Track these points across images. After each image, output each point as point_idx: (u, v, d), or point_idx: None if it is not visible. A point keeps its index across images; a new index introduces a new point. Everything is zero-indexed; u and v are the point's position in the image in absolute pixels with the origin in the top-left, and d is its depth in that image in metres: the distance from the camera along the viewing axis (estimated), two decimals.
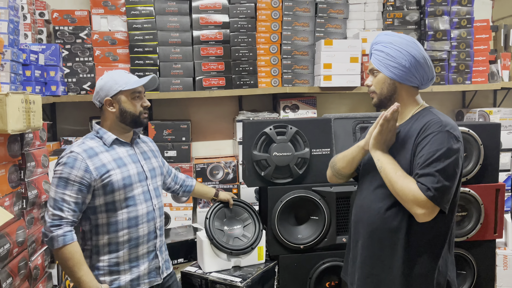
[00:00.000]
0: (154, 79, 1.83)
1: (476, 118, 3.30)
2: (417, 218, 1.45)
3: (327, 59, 3.01)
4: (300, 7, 3.14)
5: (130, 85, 1.75)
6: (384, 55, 1.55)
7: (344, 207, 2.37)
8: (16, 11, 2.36)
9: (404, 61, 1.52)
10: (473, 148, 2.37)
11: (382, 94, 1.59)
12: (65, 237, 1.61)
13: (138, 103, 1.78)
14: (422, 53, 1.54)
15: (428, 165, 1.42)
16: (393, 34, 1.57)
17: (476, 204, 2.39)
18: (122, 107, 1.75)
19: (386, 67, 1.55)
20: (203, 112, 3.36)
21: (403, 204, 1.47)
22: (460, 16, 3.24)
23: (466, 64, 3.26)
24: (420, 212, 1.42)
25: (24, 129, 1.63)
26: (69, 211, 1.63)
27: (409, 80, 1.55)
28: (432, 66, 1.58)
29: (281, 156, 2.32)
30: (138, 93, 1.78)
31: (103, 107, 1.77)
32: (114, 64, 2.98)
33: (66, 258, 1.61)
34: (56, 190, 1.63)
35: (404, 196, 1.44)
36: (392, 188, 1.48)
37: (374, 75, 1.60)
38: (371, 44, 1.62)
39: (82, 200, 1.65)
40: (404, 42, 1.53)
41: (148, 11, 2.97)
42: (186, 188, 2.19)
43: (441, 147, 1.43)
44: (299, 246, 2.34)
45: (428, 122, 1.49)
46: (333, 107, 3.50)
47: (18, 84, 2.28)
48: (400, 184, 1.45)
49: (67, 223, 1.63)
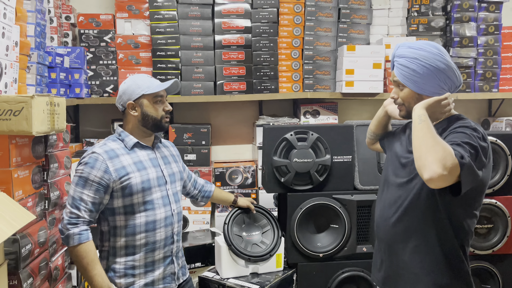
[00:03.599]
0: (176, 84, 1.83)
1: (503, 127, 3.21)
2: (432, 180, 1.29)
3: (350, 64, 2.97)
4: (323, 12, 3.11)
5: (152, 89, 1.75)
6: (410, 71, 1.49)
7: (365, 216, 2.33)
8: (43, 15, 2.40)
9: (431, 77, 1.47)
10: (500, 158, 2.29)
11: (410, 107, 1.53)
12: (80, 235, 1.63)
13: (160, 107, 1.79)
14: (449, 64, 1.48)
15: (458, 144, 1.34)
16: (417, 47, 1.50)
17: (502, 217, 2.31)
18: (144, 111, 1.76)
19: (413, 83, 1.50)
20: (223, 116, 3.36)
21: (421, 160, 1.32)
22: (487, 22, 3.16)
23: (493, 72, 3.17)
24: (440, 172, 1.27)
25: (48, 131, 1.65)
26: (86, 211, 1.65)
27: (437, 93, 1.50)
28: (459, 73, 1.53)
29: (302, 162, 2.29)
30: (160, 97, 1.79)
31: (125, 111, 1.79)
32: (136, 68, 3.01)
33: (81, 256, 1.63)
34: (75, 188, 1.66)
35: (434, 151, 1.29)
36: (425, 141, 1.34)
37: (400, 88, 1.56)
38: (393, 54, 1.57)
39: (99, 201, 1.67)
40: (430, 56, 1.47)
41: (171, 15, 2.99)
42: (205, 193, 2.19)
43: (472, 138, 1.36)
44: (318, 255, 2.30)
45: (458, 123, 1.45)
46: (355, 113, 3.45)
47: (43, 86, 2.32)
48: (438, 140, 1.32)
49: (84, 222, 1.65)
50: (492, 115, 3.51)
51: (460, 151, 1.31)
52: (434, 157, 1.29)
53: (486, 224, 2.34)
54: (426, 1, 3.15)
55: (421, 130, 1.38)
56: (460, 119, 1.50)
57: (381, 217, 1.64)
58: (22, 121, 1.48)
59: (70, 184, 1.77)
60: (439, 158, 1.28)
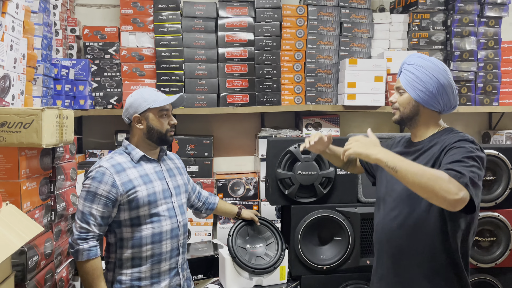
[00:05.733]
0: (182, 98, 1.86)
1: (504, 140, 3.23)
2: (452, 206, 1.29)
3: (352, 78, 3.00)
4: (325, 26, 3.15)
5: (158, 103, 1.77)
6: (414, 77, 1.58)
7: (369, 229, 2.34)
8: (50, 28, 2.43)
9: (431, 87, 1.55)
10: (502, 171, 2.31)
11: (404, 113, 1.62)
12: (90, 251, 1.66)
13: (165, 121, 1.80)
14: (450, 82, 1.57)
15: (457, 161, 1.36)
16: (426, 58, 1.59)
17: (505, 230, 2.33)
18: (149, 124, 1.78)
19: (413, 89, 1.58)
20: (225, 128, 3.38)
21: (432, 197, 1.30)
22: (487, 37, 3.21)
23: (493, 85, 3.21)
24: (452, 196, 1.27)
25: (57, 143, 1.67)
26: (95, 225, 1.67)
27: (432, 105, 1.58)
28: (457, 95, 1.60)
29: (306, 175, 2.30)
30: (165, 111, 1.81)
31: (131, 124, 1.81)
32: (140, 80, 3.03)
33: (88, 272, 1.67)
34: (84, 203, 1.68)
35: (435, 184, 1.28)
36: (419, 182, 1.30)
37: (400, 93, 1.64)
38: (403, 62, 1.64)
39: (108, 214, 1.69)
40: (435, 69, 1.56)
41: (176, 29, 3.02)
42: (209, 205, 2.19)
43: (469, 152, 1.40)
44: (322, 267, 2.30)
45: (452, 137, 1.50)
46: (357, 126, 3.48)
47: (49, 98, 2.35)
48: (428, 173, 1.30)
49: (93, 237, 1.68)
50: (493, 128, 3.54)
51: (460, 171, 1.32)
52: (439, 189, 1.27)
53: (488, 237, 2.35)
54: (427, 15, 3.20)
55: (404, 175, 1.33)
56: (454, 131, 1.56)
57: (383, 230, 1.65)
58: (32, 134, 1.50)
59: (78, 198, 1.78)
60: (445, 189, 1.27)
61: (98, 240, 1.70)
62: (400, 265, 1.59)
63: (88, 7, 3.22)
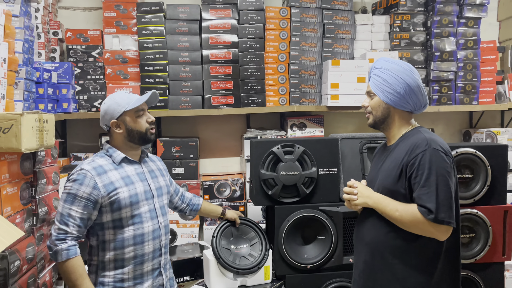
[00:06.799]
0: (155, 95, 1.87)
1: (484, 139, 3.30)
2: (438, 238, 1.54)
3: (335, 78, 3.04)
4: (308, 27, 3.19)
5: (132, 105, 1.78)
6: (381, 80, 1.64)
7: (351, 227, 2.37)
8: (31, 31, 2.42)
9: (399, 88, 1.61)
10: (480, 169, 2.36)
11: (377, 116, 1.69)
12: (68, 251, 1.65)
13: (143, 120, 1.82)
14: (417, 81, 1.62)
15: (422, 187, 1.52)
16: (392, 61, 1.65)
17: (484, 226, 2.38)
18: (128, 127, 1.79)
19: (382, 92, 1.64)
20: (211, 130, 3.39)
21: (420, 234, 1.55)
22: (466, 37, 3.28)
23: (473, 85, 3.28)
24: (434, 234, 1.52)
25: (37, 148, 1.67)
26: (74, 226, 1.67)
27: (402, 106, 1.64)
28: (426, 94, 1.67)
29: (289, 175, 2.33)
30: (141, 111, 1.82)
31: (110, 130, 1.82)
32: (124, 82, 3.03)
33: (69, 272, 1.66)
34: (63, 205, 1.68)
35: (416, 229, 1.54)
36: (402, 226, 1.57)
37: (371, 97, 1.71)
38: (371, 67, 1.71)
39: (87, 216, 1.69)
40: (400, 70, 1.62)
41: (159, 31, 3.03)
42: (193, 206, 2.21)
43: (431, 166, 1.51)
44: (305, 266, 2.33)
45: (415, 142, 1.58)
46: (340, 126, 3.52)
47: (31, 102, 2.33)
48: (407, 220, 1.54)
49: (72, 237, 1.67)
50: (473, 126, 3.61)
51: (427, 206, 1.50)
52: (421, 230, 1.53)
53: (468, 234, 2.40)
54: (407, 17, 3.26)
55: (390, 219, 1.59)
56: (419, 133, 1.62)
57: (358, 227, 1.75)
58: (12, 138, 1.50)
59: (59, 200, 1.78)
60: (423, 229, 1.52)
61: (77, 241, 1.69)
62: (375, 261, 1.64)
63: (70, 10, 3.21)
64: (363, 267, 1.69)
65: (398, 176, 1.59)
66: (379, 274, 1.63)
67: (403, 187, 1.58)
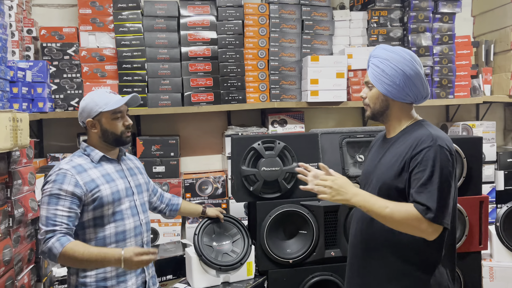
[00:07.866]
0: (135, 97, 1.84)
1: (460, 131, 3.38)
2: (427, 238, 1.45)
3: (314, 74, 3.06)
4: (287, 24, 3.20)
5: (110, 106, 1.75)
6: (379, 71, 1.55)
7: (332, 221, 2.39)
8: (5, 29, 2.35)
9: (398, 80, 1.52)
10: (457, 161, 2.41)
11: (375, 109, 1.60)
12: (60, 240, 1.58)
13: (119, 122, 1.78)
14: (417, 71, 1.53)
15: (423, 184, 1.43)
16: (391, 50, 1.56)
17: (461, 217, 2.43)
18: (103, 127, 1.76)
19: (380, 83, 1.55)
20: (191, 127, 3.37)
21: (408, 232, 1.46)
22: (441, 32, 3.34)
23: (449, 79, 3.35)
24: (426, 233, 1.43)
25: (11, 148, 1.63)
26: (62, 225, 1.61)
27: (402, 98, 1.55)
28: (427, 85, 1.57)
29: (270, 171, 2.34)
30: (119, 113, 1.79)
31: (87, 128, 1.79)
32: (102, 80, 2.99)
33: (72, 256, 1.58)
34: (47, 208, 1.62)
35: (407, 227, 1.45)
36: (390, 224, 1.47)
37: (369, 88, 1.61)
38: (370, 55, 1.61)
39: (75, 214, 1.65)
40: (400, 60, 1.52)
41: (137, 28, 2.99)
42: (172, 207, 2.19)
43: (435, 163, 1.43)
44: (288, 261, 2.34)
45: (420, 137, 1.50)
46: (321, 121, 3.55)
47: (5, 101, 2.27)
48: (398, 217, 1.44)
49: (60, 232, 1.60)
50: (450, 120, 3.68)
51: (425, 203, 1.40)
52: (411, 228, 1.43)
53: None
54: (384, 12, 3.30)
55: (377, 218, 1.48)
56: (423, 128, 1.53)
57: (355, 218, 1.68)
58: None
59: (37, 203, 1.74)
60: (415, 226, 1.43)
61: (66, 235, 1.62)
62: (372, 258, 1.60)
63: (45, 7, 3.14)
64: (361, 263, 1.63)
65: (400, 171, 1.50)
66: (377, 271, 1.57)
67: (402, 183, 1.50)
